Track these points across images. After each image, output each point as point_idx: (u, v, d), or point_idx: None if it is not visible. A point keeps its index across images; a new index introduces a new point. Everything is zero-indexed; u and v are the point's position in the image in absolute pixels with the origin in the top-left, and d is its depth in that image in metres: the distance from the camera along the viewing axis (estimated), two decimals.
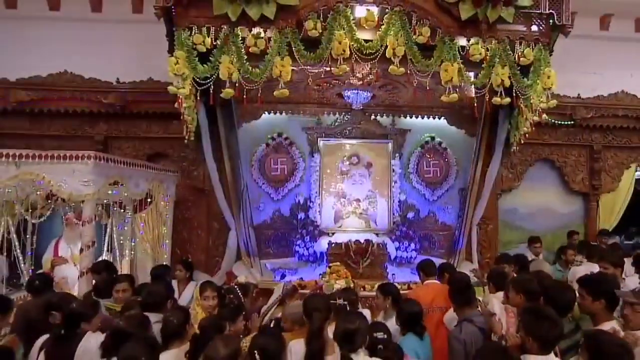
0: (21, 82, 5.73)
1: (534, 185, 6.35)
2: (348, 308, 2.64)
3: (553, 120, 6.17)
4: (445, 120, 5.90)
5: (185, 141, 5.03)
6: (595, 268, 3.81)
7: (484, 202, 5.66)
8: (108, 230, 5.14)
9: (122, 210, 5.25)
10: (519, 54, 3.51)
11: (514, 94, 3.62)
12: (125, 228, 5.15)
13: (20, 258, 4.61)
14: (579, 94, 6.28)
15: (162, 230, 5.40)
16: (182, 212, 5.86)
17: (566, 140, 6.38)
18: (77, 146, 5.62)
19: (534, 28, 3.57)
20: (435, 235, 5.93)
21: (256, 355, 1.90)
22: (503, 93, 3.48)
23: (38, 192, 4.46)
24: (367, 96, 5.02)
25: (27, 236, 4.61)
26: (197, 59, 3.38)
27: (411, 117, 5.92)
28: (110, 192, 4.61)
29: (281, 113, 5.75)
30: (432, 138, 6.12)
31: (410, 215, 5.81)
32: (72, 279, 4.41)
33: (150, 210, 5.28)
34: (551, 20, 3.57)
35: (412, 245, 5.41)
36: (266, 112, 5.68)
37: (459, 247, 5.61)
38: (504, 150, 5.58)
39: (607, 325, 2.48)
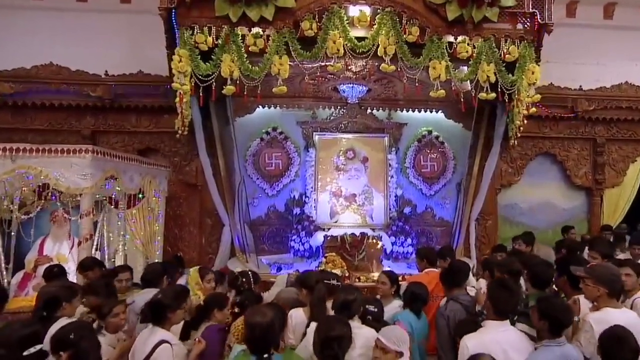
0: (4, 74, 6.35)
1: (535, 180, 7.11)
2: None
3: (554, 113, 6.91)
4: (442, 114, 6.66)
5: (178, 135, 5.72)
6: None
7: (482, 197, 6.43)
8: (99, 226, 5.77)
9: (112, 206, 5.89)
10: (505, 51, 4.26)
11: (500, 89, 4.37)
12: (118, 223, 5.80)
13: (2, 258, 5.11)
14: (580, 86, 7.01)
15: (154, 226, 6.06)
16: (174, 209, 6.55)
17: (568, 133, 7.11)
18: (63, 140, 6.28)
19: (519, 26, 4.33)
20: (432, 231, 6.72)
21: None
22: (488, 89, 4.23)
23: (25, 188, 5.07)
24: (363, 90, 5.77)
25: (13, 233, 5.08)
26: (199, 57, 4.09)
27: (408, 111, 6.68)
28: (102, 186, 5.26)
29: (276, 107, 6.49)
30: (429, 132, 6.90)
31: (407, 210, 6.57)
32: None
33: (142, 206, 5.93)
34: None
35: (409, 241, 6.14)
36: (260, 106, 6.40)
37: (456, 243, 6.35)
38: (503, 144, 6.33)
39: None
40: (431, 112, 6.63)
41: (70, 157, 4.65)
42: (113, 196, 5.73)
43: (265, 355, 2.18)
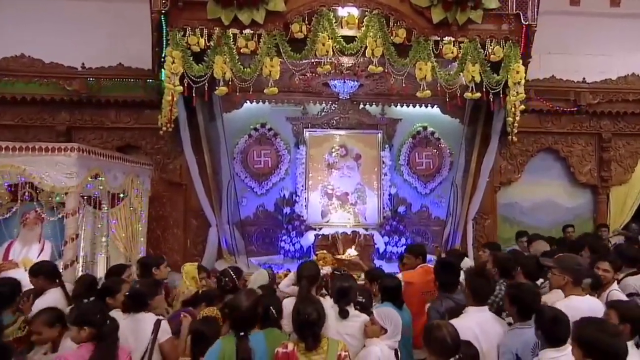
0: None
1: (537, 177, 8.15)
2: None
3: (555, 107, 7.92)
4: (438, 109, 7.66)
5: (161, 132, 6.64)
6: None
7: (479, 195, 7.46)
8: (80, 226, 6.65)
9: (92, 207, 6.77)
10: (489, 51, 5.29)
11: (485, 89, 5.40)
12: (101, 224, 6.71)
13: None
14: (584, 78, 8.03)
15: (137, 227, 6.98)
16: (156, 209, 7.47)
17: (571, 128, 8.14)
18: (35, 137, 7.23)
19: (504, 27, 5.37)
20: (428, 231, 7.78)
21: (271, 310, 3.32)
22: (473, 88, 5.26)
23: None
24: (355, 85, 6.78)
25: None
26: (191, 58, 5.05)
27: (402, 106, 7.72)
28: (84, 185, 6.15)
29: (264, 102, 7.47)
30: (425, 128, 7.95)
31: (402, 209, 7.60)
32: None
33: (123, 206, 6.83)
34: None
35: (403, 240, 7.17)
36: (248, 102, 7.36)
37: (453, 243, 7.36)
38: (502, 139, 7.34)
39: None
40: (426, 107, 7.65)
41: (55, 156, 5.49)
42: (93, 196, 6.61)
43: (242, 334, 2.95)
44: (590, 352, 2.44)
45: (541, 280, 4.36)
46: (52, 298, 4.11)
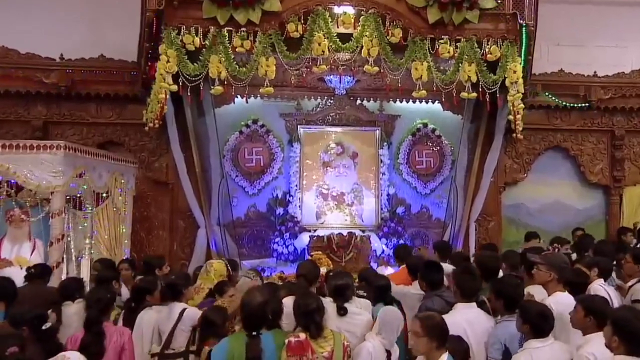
0: None
1: (544, 177, 9.10)
2: None
3: (564, 103, 8.86)
4: (439, 105, 8.54)
5: (147, 128, 7.52)
6: None
7: (482, 195, 8.40)
8: (65, 227, 7.51)
9: (72, 208, 7.62)
10: (486, 51, 6.24)
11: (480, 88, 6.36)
12: (85, 225, 7.58)
13: None
14: (595, 72, 8.93)
15: (120, 229, 7.84)
16: (140, 210, 8.35)
17: (582, 125, 9.07)
18: (9, 132, 8.07)
19: (501, 26, 6.32)
20: (428, 233, 8.73)
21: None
22: (470, 88, 6.23)
23: None
24: (351, 80, 7.70)
25: None
26: (185, 56, 5.95)
27: (401, 102, 8.62)
28: (70, 184, 6.99)
29: (256, 97, 8.31)
30: (425, 124, 8.90)
31: (400, 210, 8.57)
32: (17, 282, 5.91)
33: (106, 206, 7.69)
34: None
35: (401, 243, 8.08)
36: (239, 96, 8.21)
37: (455, 245, 8.27)
38: (507, 137, 8.26)
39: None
40: (427, 102, 8.51)
41: (41, 154, 6.28)
42: (75, 195, 7.44)
43: (254, 333, 3.38)
44: (619, 331, 3.00)
45: None
46: None
